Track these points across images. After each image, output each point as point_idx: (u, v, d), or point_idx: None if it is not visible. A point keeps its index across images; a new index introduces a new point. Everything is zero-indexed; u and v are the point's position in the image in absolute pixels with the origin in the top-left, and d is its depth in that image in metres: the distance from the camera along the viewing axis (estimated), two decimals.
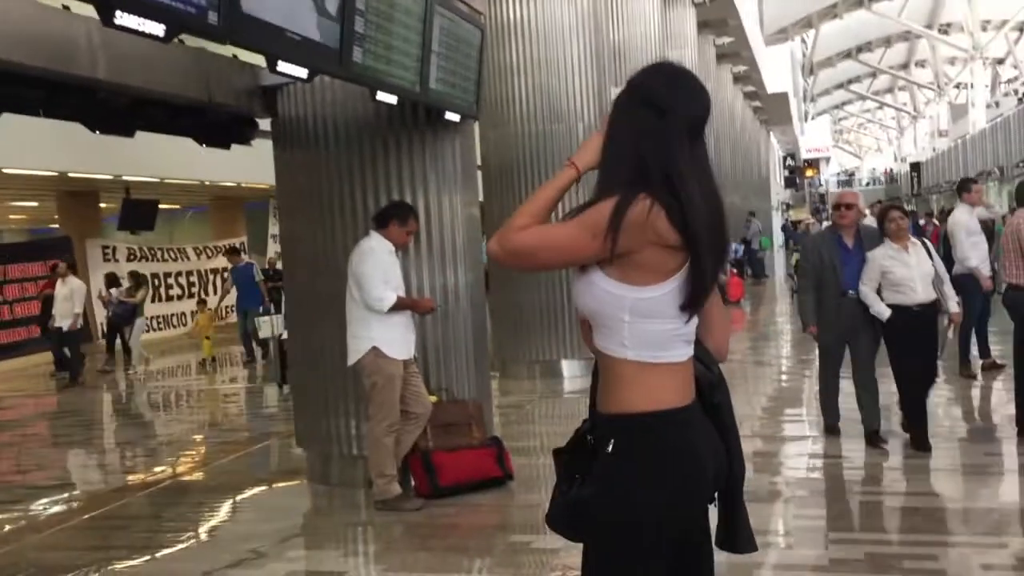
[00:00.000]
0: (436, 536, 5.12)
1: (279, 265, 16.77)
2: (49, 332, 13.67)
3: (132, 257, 18.07)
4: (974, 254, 8.35)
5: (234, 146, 6.34)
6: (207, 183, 18.40)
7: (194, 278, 19.94)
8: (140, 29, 3.11)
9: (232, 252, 15.69)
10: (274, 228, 20.69)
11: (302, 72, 4.17)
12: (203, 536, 5.65)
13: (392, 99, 5.10)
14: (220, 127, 6.09)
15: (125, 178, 15.58)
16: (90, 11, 4.38)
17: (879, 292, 6.07)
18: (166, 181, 16.87)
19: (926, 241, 6.29)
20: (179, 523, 5.87)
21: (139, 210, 16.09)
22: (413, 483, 5.77)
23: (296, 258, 6.45)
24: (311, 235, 6.19)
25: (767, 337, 13.87)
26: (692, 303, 2.03)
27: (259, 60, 5.75)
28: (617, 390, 2.06)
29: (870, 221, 8.41)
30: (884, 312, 6.02)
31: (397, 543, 5.06)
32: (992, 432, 6.83)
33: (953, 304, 6.16)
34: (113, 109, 5.18)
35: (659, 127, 2.02)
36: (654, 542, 2.03)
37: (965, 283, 8.01)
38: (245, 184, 18.73)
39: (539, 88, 10.00)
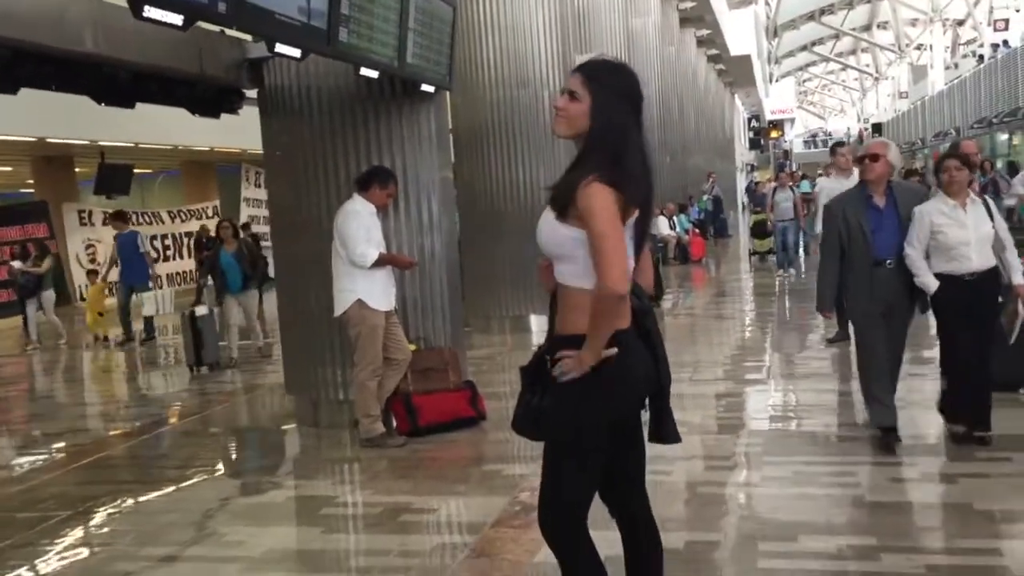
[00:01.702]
0: (417, 468, 5.72)
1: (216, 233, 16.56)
2: None
3: (107, 221, 18.38)
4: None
5: None
6: (180, 147, 18.77)
7: (168, 241, 20.25)
8: (163, 20, 3.61)
9: (117, 217, 13.92)
10: (246, 191, 21.04)
11: (295, 52, 4.69)
12: (208, 471, 6.19)
13: (374, 74, 5.62)
14: (210, 98, 6.56)
15: (100, 143, 15.90)
16: None
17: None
18: (140, 146, 17.22)
19: (987, 199, 5.34)
20: (187, 463, 6.42)
21: (114, 174, 16.41)
22: (395, 423, 6.35)
23: (282, 220, 6.96)
24: (296, 199, 6.70)
25: (727, 294, 14.54)
26: (638, 246, 2.69)
27: (246, 35, 6.31)
28: (573, 315, 2.63)
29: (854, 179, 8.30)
30: (932, 284, 5.08)
31: (382, 474, 5.64)
32: None
33: (1018, 275, 5.20)
34: (116, 83, 5.65)
35: (630, 118, 2.65)
36: (596, 439, 2.67)
37: None
38: (218, 148, 19.12)
39: (506, 52, 10.45)
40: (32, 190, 20.96)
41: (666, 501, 4.62)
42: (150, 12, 3.53)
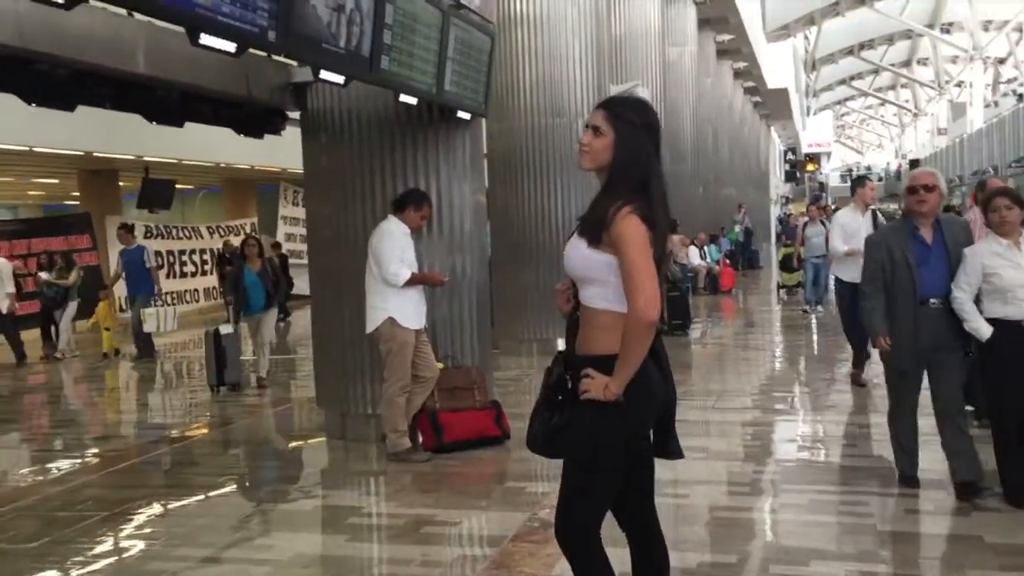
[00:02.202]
0: (441, 483, 5.87)
1: (240, 250, 16.37)
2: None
3: (149, 234, 18.76)
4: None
5: None
6: (222, 165, 19.18)
7: (207, 256, 20.65)
8: (218, 47, 3.84)
9: (124, 229, 13.68)
10: (284, 210, 21.45)
11: (339, 79, 4.91)
12: (238, 480, 6.39)
13: (413, 100, 5.84)
14: (255, 119, 6.82)
15: (145, 158, 16.31)
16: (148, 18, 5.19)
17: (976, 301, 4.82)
18: (184, 162, 17.63)
19: None
20: (219, 471, 6.63)
21: (157, 189, 16.81)
22: (420, 439, 6.51)
23: (320, 238, 7.19)
24: (334, 217, 6.93)
25: (755, 325, 14.60)
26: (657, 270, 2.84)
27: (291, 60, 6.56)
28: (599, 334, 2.78)
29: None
30: (985, 330, 4.73)
31: (407, 488, 5.80)
32: None
33: None
34: (166, 103, 5.92)
35: (652, 151, 2.83)
36: (613, 458, 2.81)
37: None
38: (258, 167, 19.52)
39: (542, 80, 10.65)
40: (77, 202, 21.47)
41: (683, 523, 4.76)
42: (206, 40, 3.75)
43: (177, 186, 17.92)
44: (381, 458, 6.41)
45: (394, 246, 6.17)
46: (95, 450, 7.48)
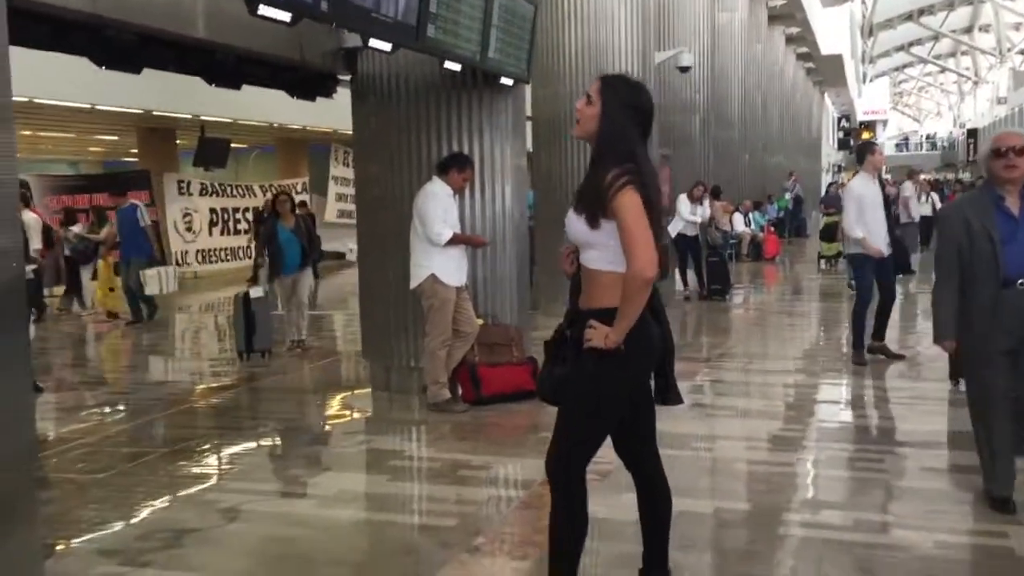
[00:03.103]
0: (479, 432, 6.20)
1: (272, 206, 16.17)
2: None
3: (204, 192, 19.29)
4: (859, 226, 7.75)
5: None
6: (276, 125, 19.60)
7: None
8: (273, 16, 4.13)
9: (114, 189, 13.21)
10: (335, 170, 21.85)
11: (386, 46, 5.19)
12: (286, 425, 6.78)
13: (457, 67, 6.10)
14: (308, 82, 7.12)
15: (202, 118, 16.75)
16: None
17: None
18: (239, 122, 18.06)
19: None
20: (269, 416, 7.04)
21: (213, 148, 17.23)
22: (460, 391, 6.83)
23: (367, 198, 7.50)
24: (382, 179, 7.23)
25: (797, 292, 14.71)
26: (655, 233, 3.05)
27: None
28: (600, 292, 3.01)
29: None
30: None
31: (446, 436, 6.13)
32: None
33: None
34: (225, 66, 6.24)
35: (636, 128, 3.03)
36: (616, 406, 3.08)
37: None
38: (310, 128, 19.90)
39: (588, 44, 10.72)
40: (136, 159, 22.07)
41: (704, 474, 5.03)
42: (264, 10, 4.05)
43: (232, 145, 18.38)
44: (422, 408, 6.75)
45: (437, 206, 6.46)
46: (149, 395, 7.92)
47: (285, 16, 4.21)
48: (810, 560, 3.92)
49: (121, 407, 7.50)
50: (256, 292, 9.15)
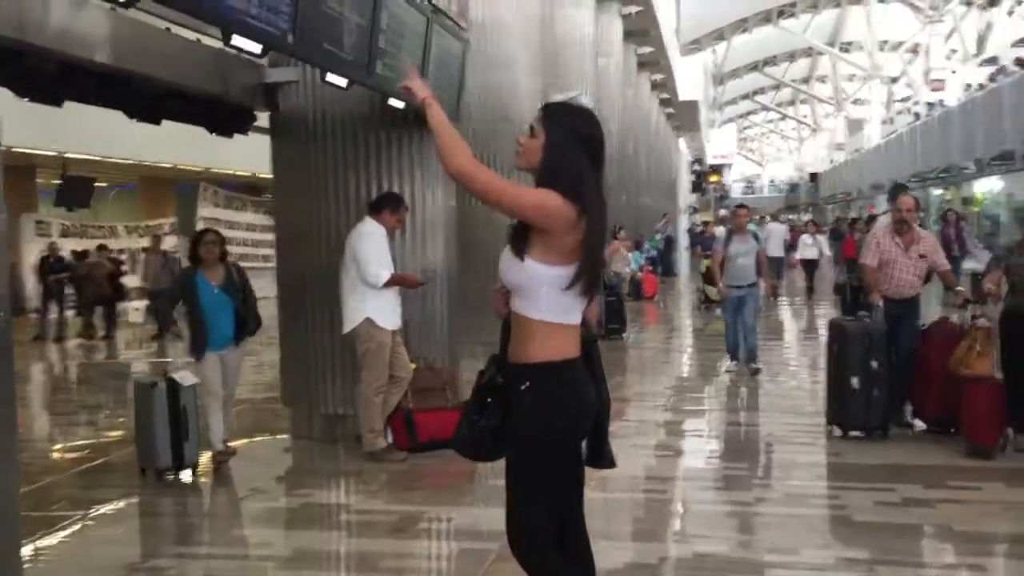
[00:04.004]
0: (423, 480, 5.98)
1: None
2: None
3: (66, 233, 18.25)
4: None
5: (168, 125, 6.55)
6: (144, 163, 18.77)
7: (125, 256, 20.14)
8: (245, 48, 3.90)
9: None
10: (204, 210, 21.05)
11: (342, 82, 4.98)
12: (215, 481, 6.33)
13: (401, 104, 5.93)
14: (229, 117, 6.79)
15: (65, 155, 15.88)
16: (142, 15, 5.17)
17: None
18: (105, 160, 17.22)
19: None
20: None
21: (76, 186, 16.39)
22: (391, 438, 6.57)
23: (290, 240, 7.19)
24: (304, 219, 6.94)
25: (677, 329, 15.04)
26: (592, 282, 2.76)
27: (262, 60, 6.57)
28: (532, 344, 2.75)
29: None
30: None
31: (388, 486, 5.88)
32: None
33: None
34: (146, 100, 5.87)
35: (585, 162, 2.75)
36: (564, 451, 2.83)
37: None
38: (180, 165, 19.17)
39: (489, 85, 10.69)
40: None
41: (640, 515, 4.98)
42: (237, 40, 3.81)
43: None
44: (352, 457, 6.46)
45: (373, 247, 6.24)
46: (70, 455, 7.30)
47: (256, 48, 3.99)
48: None
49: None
50: (186, 378, 6.29)
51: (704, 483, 5.85)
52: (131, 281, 18.67)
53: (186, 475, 6.04)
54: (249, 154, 17.66)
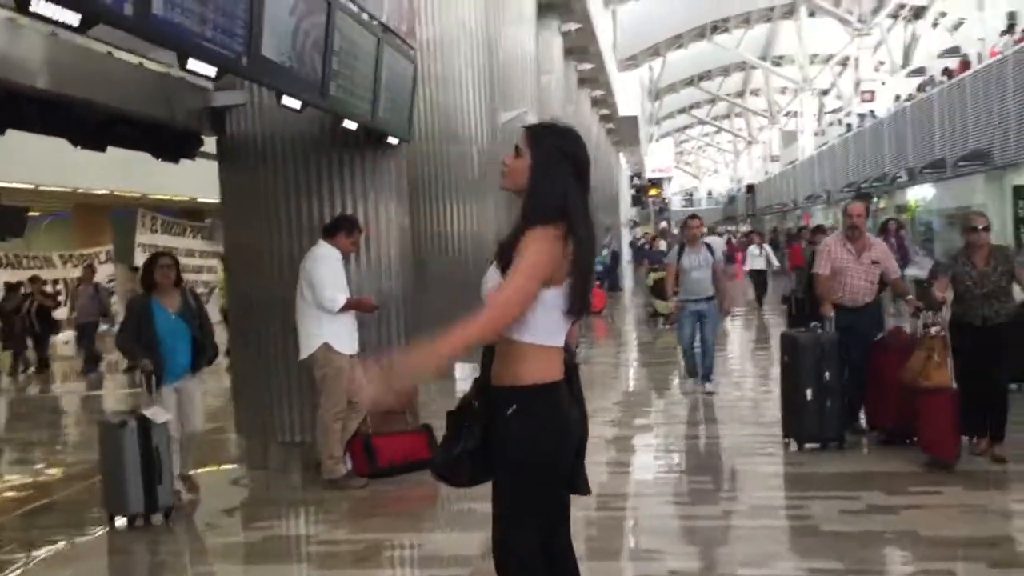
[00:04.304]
0: (385, 507, 5.87)
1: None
2: None
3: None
4: None
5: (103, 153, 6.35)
6: (78, 190, 18.31)
7: (60, 286, 19.65)
8: (200, 71, 3.80)
9: None
10: (142, 237, 20.64)
11: (297, 104, 4.89)
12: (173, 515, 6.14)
13: (354, 125, 5.86)
14: (175, 142, 6.65)
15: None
16: (82, 40, 5.04)
17: None
18: (39, 188, 16.76)
19: None
20: None
21: (8, 216, 15.86)
22: (350, 464, 6.45)
23: (242, 266, 7.05)
24: (255, 244, 6.81)
25: (626, 344, 15.10)
26: (582, 303, 2.75)
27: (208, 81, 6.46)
28: (521, 366, 2.71)
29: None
30: None
31: (350, 514, 5.76)
32: None
33: None
34: (91, 126, 5.72)
35: (572, 182, 2.76)
36: (552, 473, 2.77)
37: None
38: (117, 192, 18.74)
39: (437, 104, 10.64)
40: None
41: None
42: (192, 64, 3.72)
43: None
44: (310, 486, 6.33)
45: (328, 271, 6.14)
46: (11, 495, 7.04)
47: (211, 71, 3.89)
48: None
49: None
50: (157, 414, 5.72)
51: (669, 498, 5.84)
52: (61, 313, 18.24)
53: (158, 519, 5.63)
54: (188, 179, 17.42)
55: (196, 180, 17.20)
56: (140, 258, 20.42)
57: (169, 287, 6.13)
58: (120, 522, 5.57)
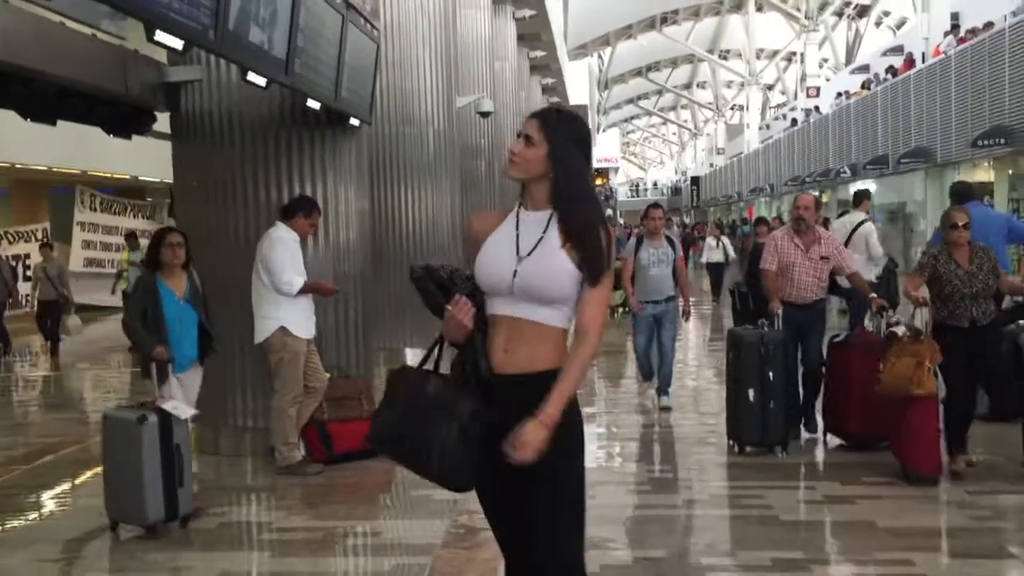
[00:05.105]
0: (341, 493, 5.78)
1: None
2: None
3: None
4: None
5: (43, 128, 6.28)
6: (16, 165, 17.77)
7: None
8: (168, 43, 3.67)
9: None
10: (81, 215, 20.12)
11: (262, 81, 4.77)
12: None
13: (317, 105, 5.73)
14: (128, 118, 6.45)
15: None
16: (32, 8, 4.86)
17: None
18: None
19: None
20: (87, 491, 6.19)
21: None
22: (305, 451, 6.34)
23: (195, 246, 6.83)
24: (210, 225, 6.64)
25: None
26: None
27: (162, 56, 6.29)
28: (548, 351, 2.65)
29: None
30: None
31: (305, 501, 5.66)
32: None
33: None
34: (44, 99, 5.51)
35: (585, 165, 2.79)
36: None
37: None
38: (56, 168, 18.23)
39: (395, 87, 10.53)
40: None
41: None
42: (160, 36, 3.59)
43: None
44: (264, 472, 6.22)
45: (285, 253, 6.02)
46: None
47: (178, 44, 3.76)
48: None
49: None
50: (177, 409, 5.09)
51: (630, 487, 5.84)
52: None
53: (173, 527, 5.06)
54: (130, 155, 17.01)
55: (137, 158, 16.89)
56: (79, 236, 19.96)
57: (176, 269, 5.44)
58: (132, 532, 5.09)
